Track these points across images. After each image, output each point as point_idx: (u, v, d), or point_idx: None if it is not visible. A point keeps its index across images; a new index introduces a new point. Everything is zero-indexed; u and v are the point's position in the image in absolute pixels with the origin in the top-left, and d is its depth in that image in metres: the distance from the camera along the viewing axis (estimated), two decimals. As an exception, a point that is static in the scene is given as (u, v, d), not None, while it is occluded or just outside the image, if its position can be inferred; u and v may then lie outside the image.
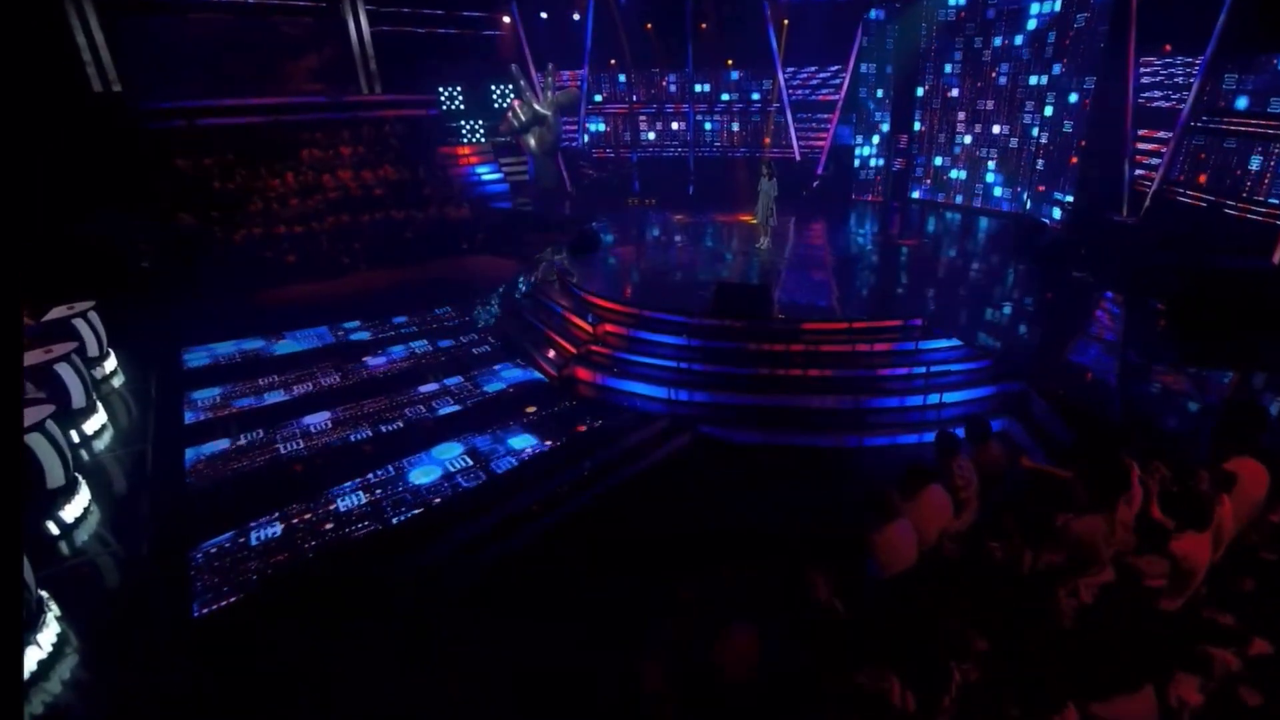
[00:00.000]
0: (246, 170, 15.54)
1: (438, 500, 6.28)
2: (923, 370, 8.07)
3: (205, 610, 4.98)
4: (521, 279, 12.41)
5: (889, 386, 7.98)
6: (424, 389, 8.65)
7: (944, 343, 8.29)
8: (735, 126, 18.61)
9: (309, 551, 5.60)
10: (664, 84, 18.72)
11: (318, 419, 7.90)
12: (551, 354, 9.36)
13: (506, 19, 18.55)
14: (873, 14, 15.59)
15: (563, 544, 5.93)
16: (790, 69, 17.39)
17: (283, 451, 7.20)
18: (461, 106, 19.30)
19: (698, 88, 18.49)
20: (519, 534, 5.92)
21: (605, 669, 3.68)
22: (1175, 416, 7.02)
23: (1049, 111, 13.58)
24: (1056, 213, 13.45)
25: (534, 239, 15.44)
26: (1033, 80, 13.99)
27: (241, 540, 5.77)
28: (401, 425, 7.74)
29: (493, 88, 19.28)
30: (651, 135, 19.39)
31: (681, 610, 3.68)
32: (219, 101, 15.54)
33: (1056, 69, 13.23)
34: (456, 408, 8.17)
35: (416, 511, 6.12)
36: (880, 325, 8.54)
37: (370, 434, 7.55)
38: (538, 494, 6.32)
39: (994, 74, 14.69)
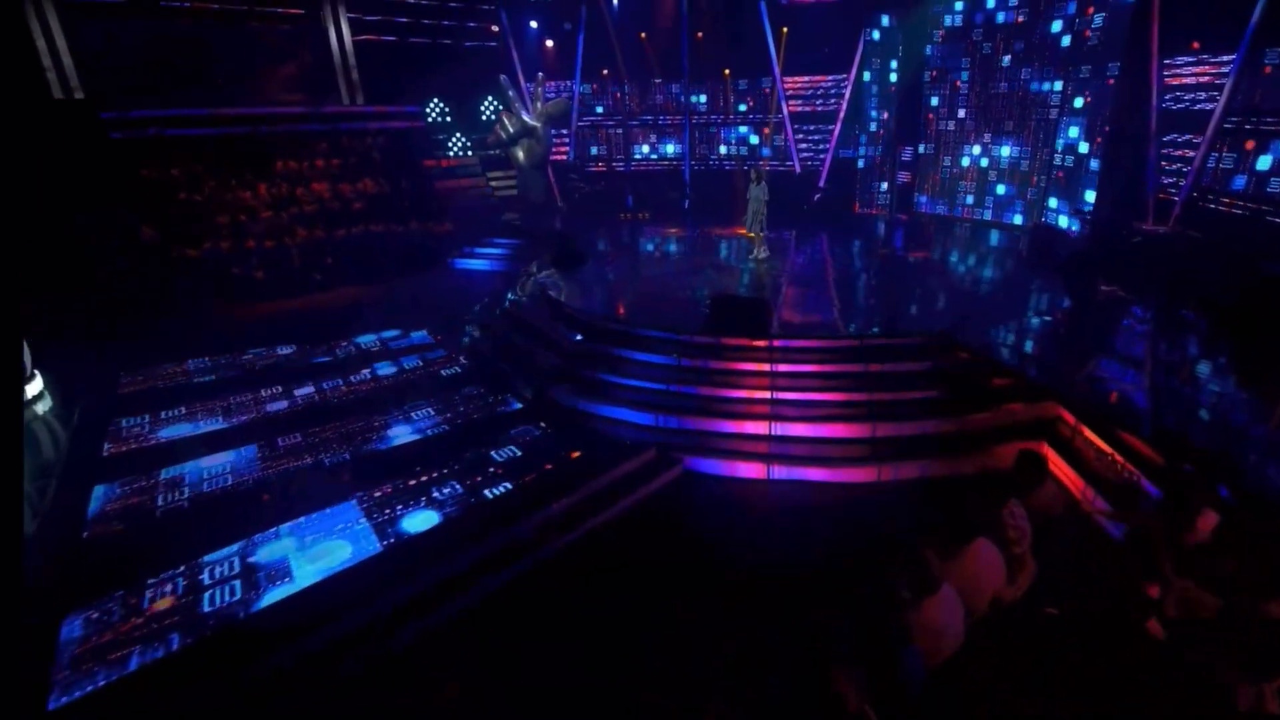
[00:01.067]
0: (216, 182, 14.80)
1: (344, 567, 5.30)
2: (943, 393, 7.14)
3: (65, 700, 3.99)
4: (500, 295, 11.55)
5: (909, 411, 7.04)
6: (379, 417, 7.72)
7: (968, 362, 7.37)
8: (750, 137, 17.93)
9: (211, 619, 4.62)
10: (659, 94, 18.10)
11: (254, 452, 6.95)
12: (528, 375, 8.44)
13: (495, 28, 18.01)
14: (882, 21, 14.97)
15: (508, 616, 4.93)
16: (790, 79, 16.77)
17: (209, 491, 6.24)
18: (448, 119, 18.67)
19: (695, 96, 17.88)
20: (445, 606, 4.89)
21: None
22: (1234, 435, 6.08)
23: (1073, 131, 12.85)
24: (1070, 222, 12.64)
25: (519, 255, 14.65)
26: (1045, 86, 13.30)
27: (134, 602, 4.79)
28: (347, 457, 6.79)
29: (481, 100, 18.66)
30: (645, 148, 18.72)
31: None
32: (189, 111, 14.84)
33: (1076, 74, 12.52)
34: (413, 437, 7.22)
35: (331, 572, 5.14)
36: (896, 342, 7.62)
37: (309, 467, 6.60)
38: (475, 554, 5.32)
39: (1002, 84, 14.01)
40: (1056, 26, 12.91)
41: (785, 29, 15.99)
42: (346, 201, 15.94)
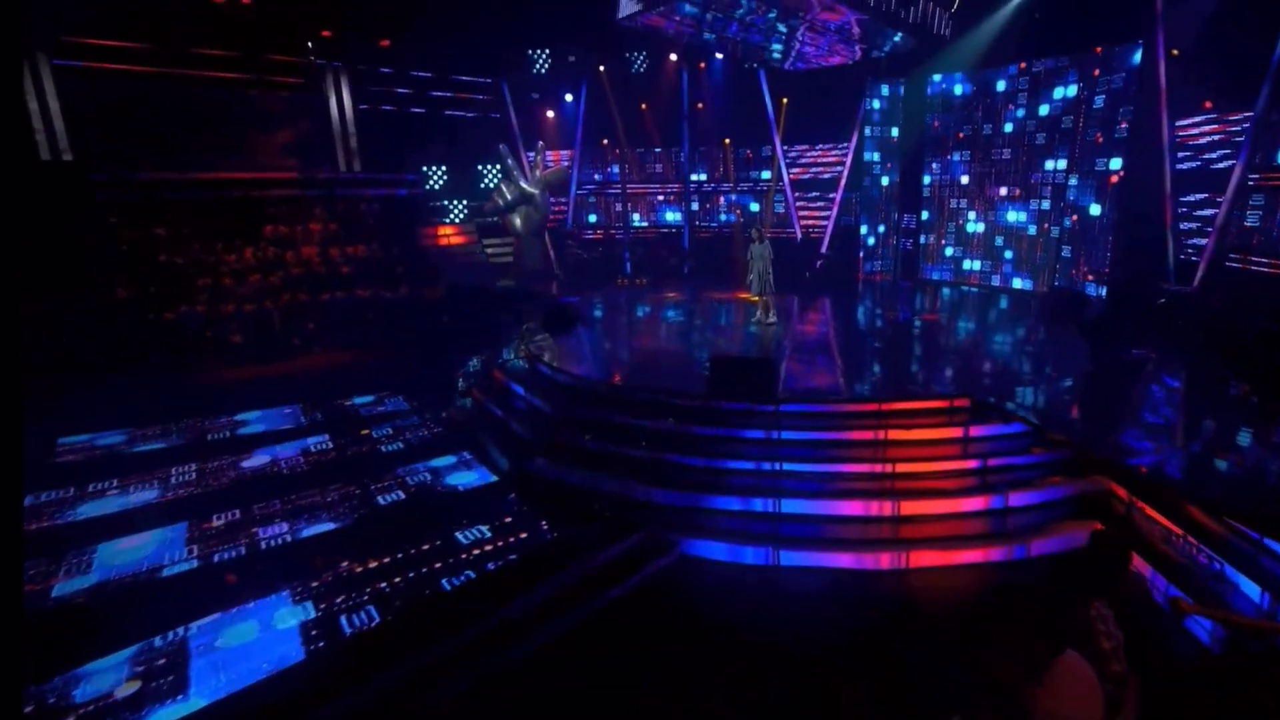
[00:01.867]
0: (201, 244, 14.52)
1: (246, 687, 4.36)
2: (978, 464, 6.32)
3: None
4: (485, 359, 10.92)
5: (936, 486, 6.19)
6: (333, 490, 6.87)
7: (1002, 428, 6.58)
8: (744, 203, 17.86)
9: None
10: (658, 163, 18.19)
11: (182, 531, 6.07)
12: (505, 445, 7.64)
13: (496, 99, 18.32)
14: (882, 90, 15.13)
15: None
16: (790, 147, 16.83)
17: (116, 579, 5.33)
18: (446, 186, 18.71)
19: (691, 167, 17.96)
20: None
21: None
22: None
23: (1073, 195, 12.63)
24: (1087, 286, 12.17)
25: (512, 320, 14.15)
26: (1049, 165, 13.16)
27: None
28: (288, 539, 5.91)
29: (480, 167, 18.77)
30: (640, 215, 18.64)
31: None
32: (181, 174, 14.77)
33: (1086, 137, 12.39)
34: (354, 516, 6.35)
35: (240, 686, 4.19)
36: (918, 407, 6.86)
37: (241, 551, 5.70)
38: (422, 660, 4.38)
39: (1004, 151, 13.94)
40: (1059, 94, 12.91)
41: (785, 99, 16.18)
42: (334, 266, 15.63)
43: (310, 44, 16.54)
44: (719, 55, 16.27)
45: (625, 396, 7.53)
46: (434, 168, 18.48)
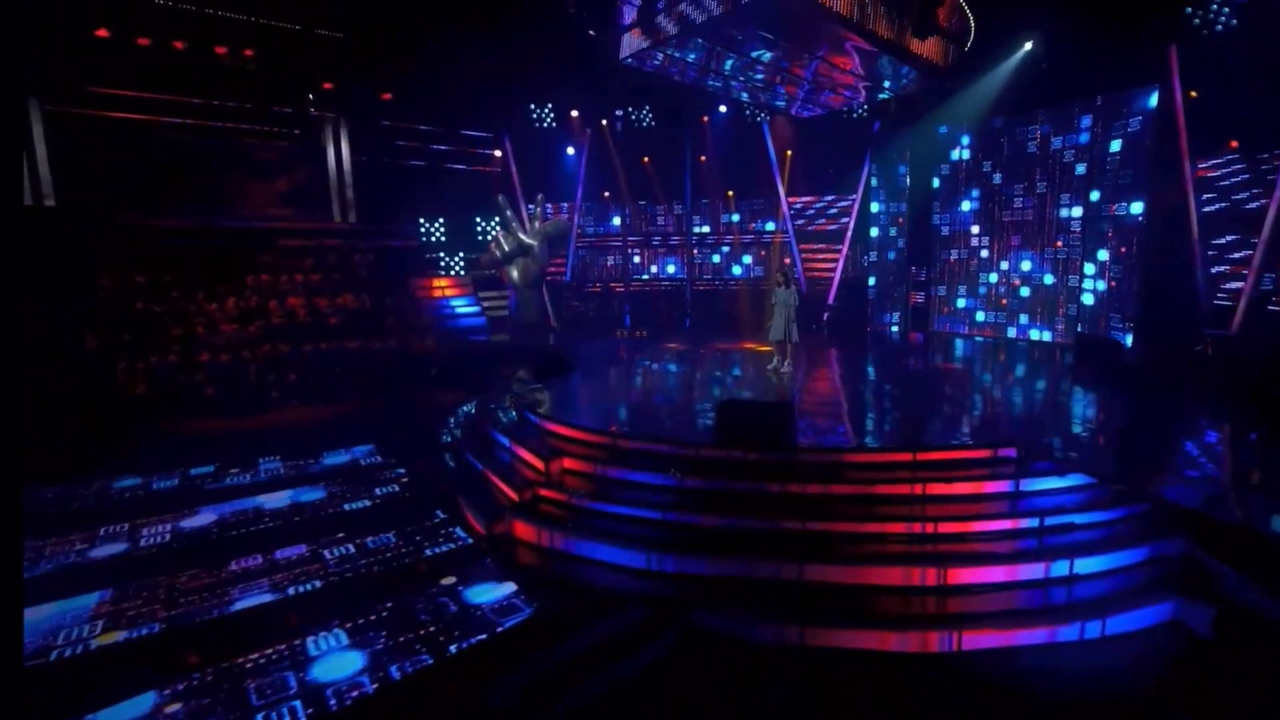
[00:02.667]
0: (180, 291, 14.02)
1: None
2: (1034, 524, 5.44)
3: None
4: (468, 410, 10.16)
5: (987, 549, 5.30)
6: (280, 554, 5.96)
7: (1057, 480, 5.73)
8: (745, 258, 17.50)
9: None
10: (661, 216, 17.95)
11: (92, 603, 5.16)
12: (484, 504, 6.76)
13: (498, 153, 18.30)
14: (889, 139, 14.99)
15: None
16: (795, 199, 16.61)
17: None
18: (443, 238, 18.45)
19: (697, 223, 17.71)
20: None
21: None
22: None
23: (1093, 242, 12.20)
24: (1113, 334, 11.51)
25: (505, 372, 13.48)
26: (1065, 213, 12.80)
27: None
28: (214, 613, 4.98)
29: (478, 220, 18.56)
30: (645, 267, 18.27)
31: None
32: (164, 221, 14.46)
33: (1095, 195, 12.04)
34: (313, 586, 5.43)
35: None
36: (959, 457, 6.03)
37: (155, 628, 4.77)
38: None
39: (1018, 201, 13.62)
40: (1072, 141, 12.67)
41: (790, 151, 16.06)
42: (322, 316, 15.09)
43: (311, 96, 16.62)
44: (722, 109, 16.28)
45: (621, 447, 6.71)
46: (431, 220, 18.28)
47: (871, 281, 15.50)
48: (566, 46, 15.33)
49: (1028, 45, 12.68)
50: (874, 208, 15.40)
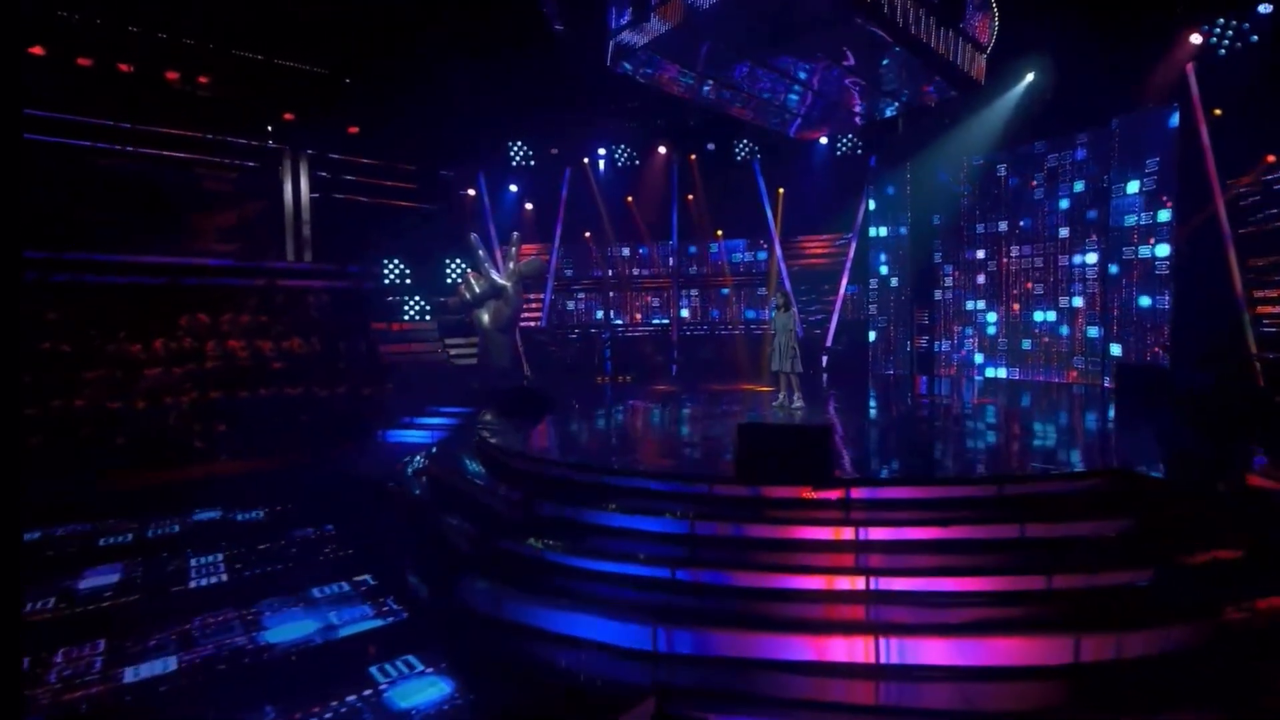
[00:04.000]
0: (100, 331, 12.37)
1: None
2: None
3: None
4: (421, 457, 8.59)
5: (1122, 611, 3.84)
6: (155, 638, 4.26)
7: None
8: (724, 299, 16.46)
9: None
10: (645, 257, 16.99)
11: None
12: (429, 563, 5.14)
13: (471, 191, 17.37)
14: (887, 175, 14.37)
15: None
16: (791, 239, 15.79)
17: None
18: (407, 280, 17.19)
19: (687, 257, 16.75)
20: None
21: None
22: None
23: (1115, 270, 11.40)
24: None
25: (469, 416, 11.94)
26: (1077, 260, 12.10)
27: None
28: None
29: (447, 261, 17.39)
30: (624, 312, 17.11)
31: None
32: (87, 255, 12.96)
33: (1126, 218, 11.34)
34: (183, 683, 3.73)
35: None
36: (1059, 488, 4.65)
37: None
38: None
39: (1025, 248, 12.91)
40: (1086, 169, 12.08)
41: (781, 189, 15.36)
42: (264, 360, 13.47)
43: (270, 127, 15.64)
44: (710, 146, 15.65)
45: (612, 485, 5.22)
46: (396, 261, 17.06)
47: (870, 324, 14.54)
48: (548, 75, 14.69)
49: (1029, 76, 12.26)
50: (872, 247, 14.59)
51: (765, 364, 14.28)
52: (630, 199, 16.41)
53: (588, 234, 16.86)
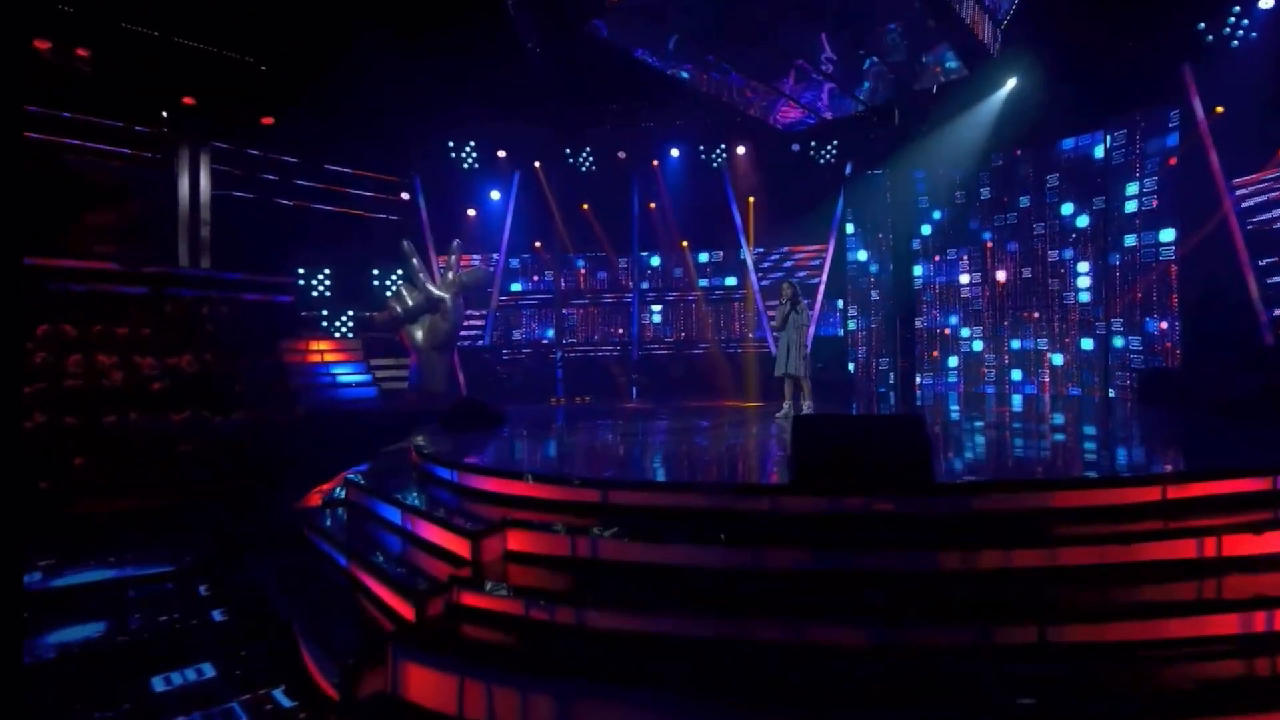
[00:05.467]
0: (-84, 340, 9.90)
1: None
2: None
3: None
4: (336, 490, 6.79)
5: None
6: None
7: None
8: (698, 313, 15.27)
9: None
10: (602, 269, 15.68)
11: None
12: (350, 634, 3.43)
13: (405, 195, 15.69)
14: (862, 183, 13.72)
15: None
16: (765, 250, 14.85)
17: None
18: (328, 293, 15.22)
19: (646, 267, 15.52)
20: None
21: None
22: None
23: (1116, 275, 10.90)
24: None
25: (394, 442, 10.07)
26: (1082, 301, 11.54)
27: None
28: None
29: (375, 272, 15.55)
30: (579, 328, 15.66)
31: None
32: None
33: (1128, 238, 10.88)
34: None
35: None
36: (1241, 489, 3.45)
37: None
38: None
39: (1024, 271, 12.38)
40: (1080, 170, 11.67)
41: (752, 198, 14.47)
42: (143, 379, 11.20)
43: (165, 113, 13.60)
44: (675, 152, 14.67)
45: (621, 504, 3.69)
46: (315, 270, 15.09)
47: (848, 342, 13.68)
48: (499, 66, 13.43)
49: (1012, 82, 11.87)
50: (852, 258, 13.83)
51: (751, 379, 13.12)
52: (586, 206, 15.16)
53: (538, 243, 15.45)
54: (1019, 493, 3.40)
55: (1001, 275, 12.48)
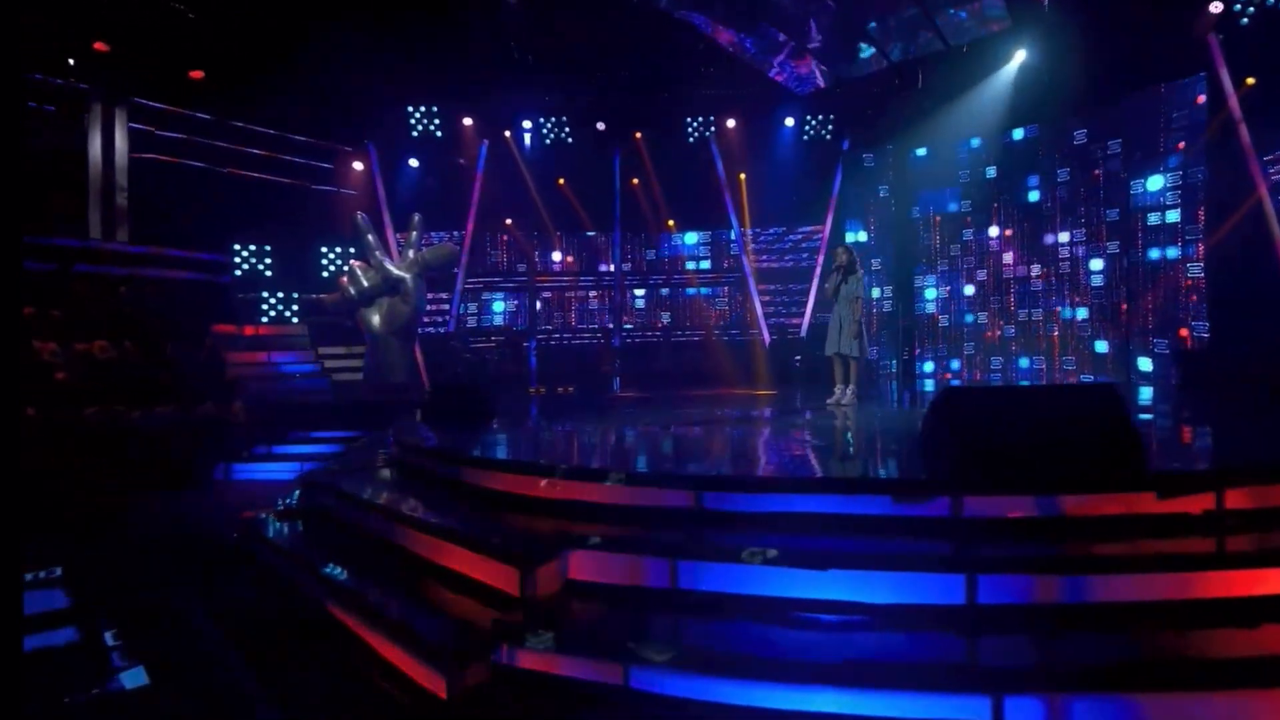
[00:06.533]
0: None
1: None
2: None
3: None
4: (293, 497, 5.56)
5: None
6: None
7: None
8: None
9: None
10: (581, 249, 14.60)
11: None
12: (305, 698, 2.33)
13: (359, 165, 14.23)
14: (862, 162, 13.05)
15: None
16: (760, 230, 14.04)
17: None
18: (268, 273, 13.65)
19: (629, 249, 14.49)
20: None
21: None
22: None
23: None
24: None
25: (358, 453, 8.76)
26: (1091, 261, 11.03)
27: None
28: None
29: (324, 250, 14.05)
30: (557, 313, 14.55)
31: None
32: None
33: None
34: None
35: None
36: None
37: None
38: None
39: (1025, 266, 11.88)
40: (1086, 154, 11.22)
41: (743, 174, 13.62)
42: (43, 369, 9.55)
43: (72, 60, 11.79)
44: (661, 124, 13.71)
45: (707, 511, 2.69)
46: (254, 247, 13.48)
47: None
48: (464, 22, 12.20)
49: (1022, 53, 11.35)
50: (851, 240, 13.13)
51: (760, 369, 12.27)
52: (563, 181, 14.03)
53: (509, 220, 14.24)
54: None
55: (1005, 259, 11.98)
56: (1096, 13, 10.30)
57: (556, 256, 14.53)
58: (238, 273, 13.30)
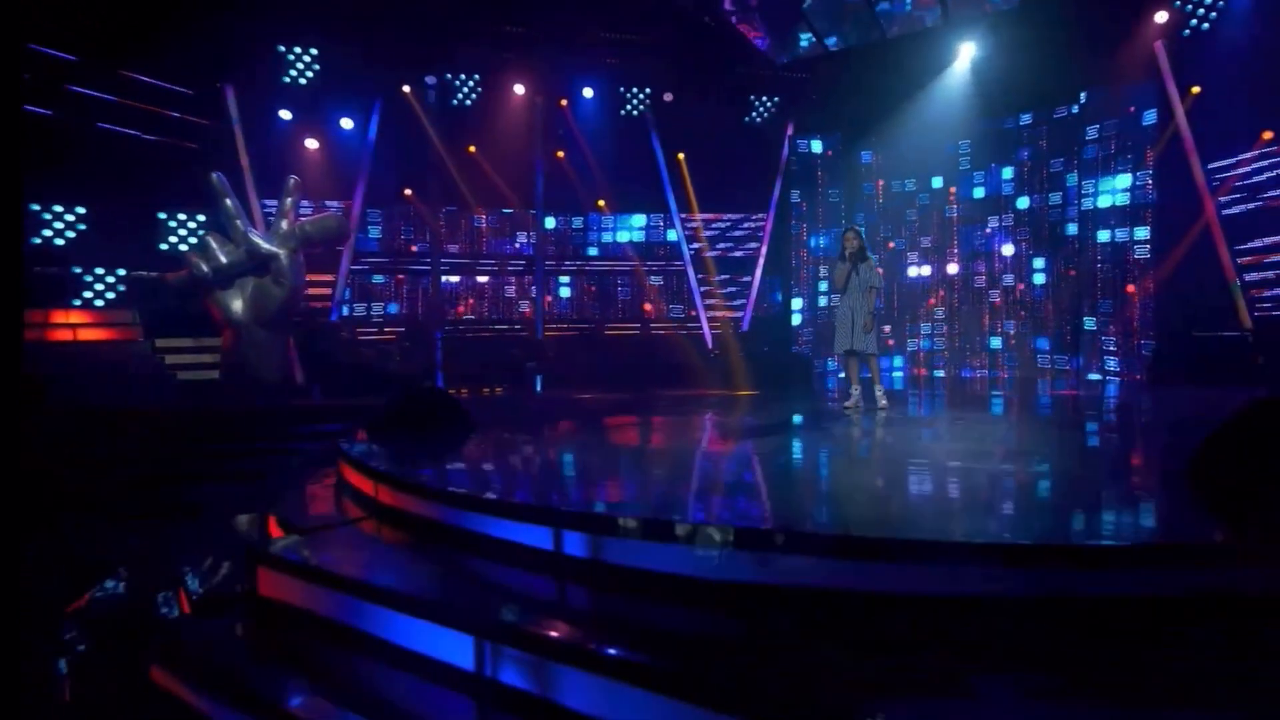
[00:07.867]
0: None
1: None
2: None
3: None
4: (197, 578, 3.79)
5: None
6: None
7: None
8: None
9: None
10: (496, 228, 12.98)
11: None
12: None
13: (207, 118, 11.64)
14: (811, 146, 12.57)
15: None
16: (695, 216, 13.10)
17: None
18: (82, 242, 10.88)
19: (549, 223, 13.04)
20: None
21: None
22: None
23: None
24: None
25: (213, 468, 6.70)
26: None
27: None
28: None
29: (163, 215, 11.42)
30: (470, 300, 12.85)
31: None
32: None
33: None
34: None
35: None
36: None
37: None
38: None
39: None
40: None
41: (682, 155, 12.64)
42: None
43: None
44: (588, 91, 12.43)
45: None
46: (66, 206, 10.66)
47: (797, 321, 12.54)
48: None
49: (973, 49, 11.36)
50: (794, 229, 12.65)
51: (738, 365, 11.26)
52: (473, 148, 12.35)
53: (408, 191, 12.32)
54: None
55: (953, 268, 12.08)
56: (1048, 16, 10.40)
57: (466, 234, 12.81)
58: (36, 239, 10.41)
